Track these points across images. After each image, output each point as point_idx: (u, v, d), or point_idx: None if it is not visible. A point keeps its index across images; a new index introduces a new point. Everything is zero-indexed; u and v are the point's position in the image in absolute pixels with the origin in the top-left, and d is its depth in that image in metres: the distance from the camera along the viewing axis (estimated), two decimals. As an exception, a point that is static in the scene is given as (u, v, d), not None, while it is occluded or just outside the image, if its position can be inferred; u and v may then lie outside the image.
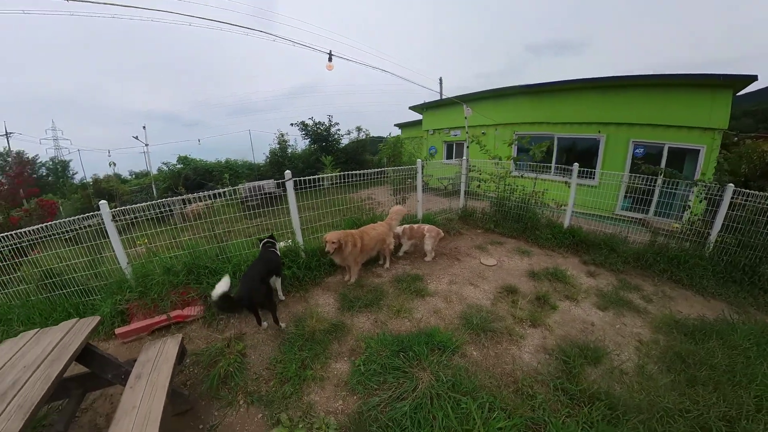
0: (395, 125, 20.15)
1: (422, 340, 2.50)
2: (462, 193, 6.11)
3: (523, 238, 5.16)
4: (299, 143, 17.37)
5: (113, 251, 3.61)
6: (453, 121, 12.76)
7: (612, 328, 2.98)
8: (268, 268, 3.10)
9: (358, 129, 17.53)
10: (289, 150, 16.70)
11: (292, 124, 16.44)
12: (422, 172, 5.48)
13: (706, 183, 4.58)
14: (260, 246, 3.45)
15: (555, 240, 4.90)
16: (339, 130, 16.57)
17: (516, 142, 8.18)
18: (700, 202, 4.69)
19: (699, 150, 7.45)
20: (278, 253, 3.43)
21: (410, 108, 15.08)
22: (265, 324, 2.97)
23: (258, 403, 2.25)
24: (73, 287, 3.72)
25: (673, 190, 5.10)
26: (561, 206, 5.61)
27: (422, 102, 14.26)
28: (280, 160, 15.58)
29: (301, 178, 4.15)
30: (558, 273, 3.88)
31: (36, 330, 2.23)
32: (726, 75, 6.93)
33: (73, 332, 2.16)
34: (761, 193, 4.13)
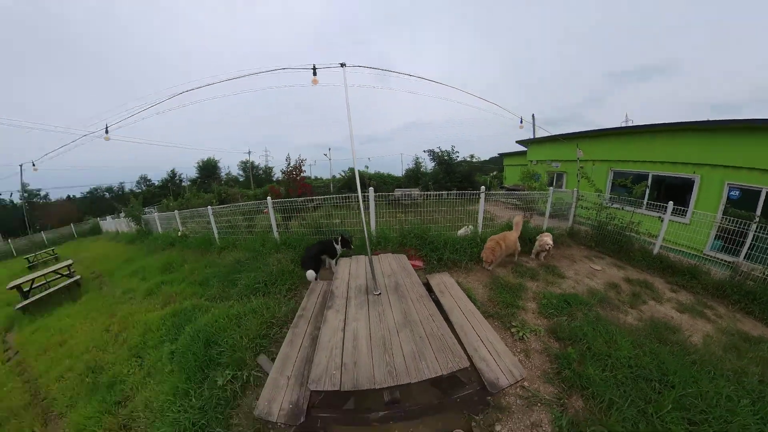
0: (500, 154, 21.71)
1: (572, 298, 4.05)
2: (571, 216, 7.14)
3: (618, 257, 6.02)
4: (428, 165, 20.56)
5: (369, 217, 5.95)
6: (553, 154, 13.26)
7: (686, 323, 3.96)
8: None
9: (471, 156, 20.36)
10: (422, 169, 20.29)
11: (424, 151, 19.79)
12: (551, 198, 6.82)
13: None
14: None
15: (644, 262, 5.67)
16: (458, 156, 19.14)
17: (612, 179, 8.52)
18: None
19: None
20: None
21: (517, 141, 16.82)
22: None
23: (493, 317, 3.70)
24: (330, 235, 5.73)
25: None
26: (652, 237, 6.18)
27: (526, 138, 15.80)
28: (414, 175, 19.74)
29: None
30: (647, 283, 4.89)
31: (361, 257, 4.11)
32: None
33: (398, 259, 3.81)
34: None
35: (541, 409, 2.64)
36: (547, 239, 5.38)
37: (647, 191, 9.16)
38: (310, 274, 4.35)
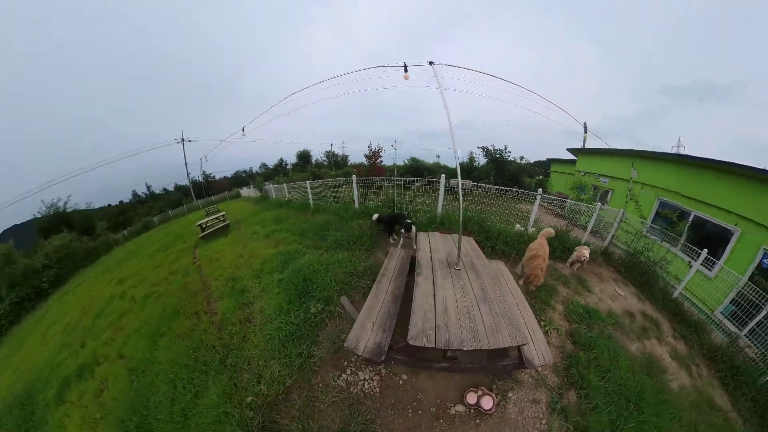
0: (548, 159, 22.64)
1: (594, 312, 4.65)
2: (609, 236, 7.19)
3: (641, 289, 6.19)
4: (480, 160, 21.21)
5: (438, 203, 6.86)
6: (602, 168, 12.76)
7: (673, 369, 4.41)
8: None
9: (521, 157, 21.92)
10: (474, 163, 21.08)
11: (478, 147, 20.52)
12: (597, 214, 6.99)
13: None
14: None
15: (661, 302, 5.87)
16: (509, 155, 19.65)
17: (657, 208, 8.42)
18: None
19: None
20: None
21: (568, 149, 16.55)
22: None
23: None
24: (400, 211, 6.86)
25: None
26: (676, 280, 6.34)
27: (577, 147, 15.51)
28: (468, 169, 20.22)
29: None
30: (657, 323, 5.27)
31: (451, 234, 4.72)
32: None
33: (468, 241, 4.35)
34: None
35: (543, 391, 3.34)
36: (585, 252, 5.73)
37: (686, 232, 8.50)
38: (375, 216, 6.03)
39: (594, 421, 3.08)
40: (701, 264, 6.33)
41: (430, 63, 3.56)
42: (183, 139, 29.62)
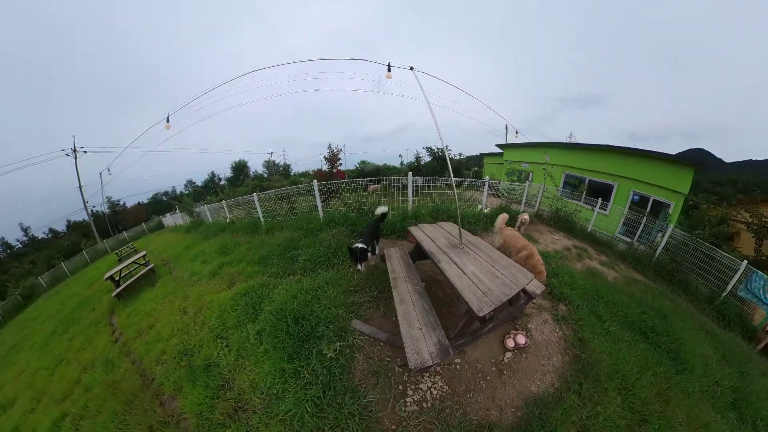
0: (481, 153, 27.17)
1: (546, 254, 6.23)
2: (537, 203, 9.49)
3: (567, 233, 8.40)
4: (425, 159, 23.32)
5: (408, 199, 7.51)
6: (523, 157, 16.67)
7: (605, 271, 6.42)
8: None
9: (460, 154, 25.36)
10: (422, 162, 23.36)
11: (423, 148, 22.72)
12: (527, 190, 9.14)
13: (661, 224, 7.92)
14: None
15: (583, 236, 8.24)
16: (450, 152, 22.82)
17: (564, 179, 11.55)
18: (657, 234, 8.07)
19: (670, 205, 10.24)
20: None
21: (496, 145, 20.89)
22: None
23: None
24: (368, 213, 6.74)
25: (651, 226, 8.33)
26: (587, 221, 8.85)
27: (502, 142, 20.48)
28: (415, 167, 22.42)
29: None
30: (584, 248, 7.35)
31: (432, 223, 5.77)
32: (692, 157, 9.87)
33: (452, 226, 5.34)
34: (682, 233, 7.39)
35: (545, 313, 4.40)
36: (526, 216, 7.56)
37: (585, 191, 12.04)
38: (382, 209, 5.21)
39: (582, 314, 4.42)
40: (599, 208, 9.11)
41: (411, 68, 3.67)
42: (75, 150, 18.85)
